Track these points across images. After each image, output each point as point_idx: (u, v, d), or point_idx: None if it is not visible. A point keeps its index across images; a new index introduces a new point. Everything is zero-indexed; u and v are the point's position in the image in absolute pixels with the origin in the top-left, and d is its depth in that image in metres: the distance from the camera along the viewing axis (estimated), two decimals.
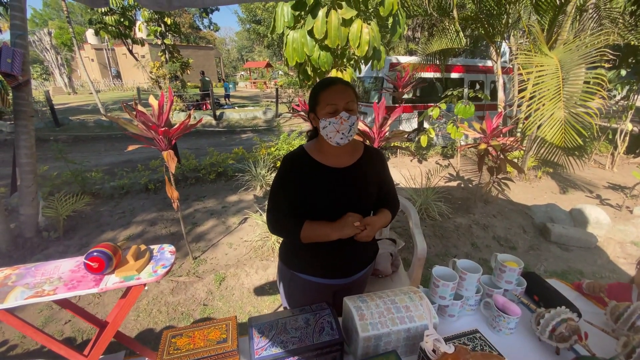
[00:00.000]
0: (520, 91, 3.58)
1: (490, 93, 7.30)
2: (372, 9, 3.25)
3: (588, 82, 3.12)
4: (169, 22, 11.42)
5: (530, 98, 3.25)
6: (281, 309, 1.88)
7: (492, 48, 5.33)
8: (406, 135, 7.01)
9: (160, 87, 12.44)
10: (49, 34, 21.97)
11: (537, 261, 3.10)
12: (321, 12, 2.80)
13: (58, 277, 1.07)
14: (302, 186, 1.18)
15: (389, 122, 2.86)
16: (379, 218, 1.23)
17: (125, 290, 1.19)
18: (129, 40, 12.01)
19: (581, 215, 3.61)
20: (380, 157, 1.33)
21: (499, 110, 4.96)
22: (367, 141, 2.93)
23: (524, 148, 4.57)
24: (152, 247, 1.26)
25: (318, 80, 3.47)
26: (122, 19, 10.53)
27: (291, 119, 10.46)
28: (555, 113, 3.05)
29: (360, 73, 5.12)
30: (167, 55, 12.19)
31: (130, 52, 12.17)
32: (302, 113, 4.79)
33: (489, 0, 4.65)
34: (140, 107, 2.27)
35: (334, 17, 2.81)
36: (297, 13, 2.96)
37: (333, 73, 3.19)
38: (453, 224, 3.50)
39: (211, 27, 31.00)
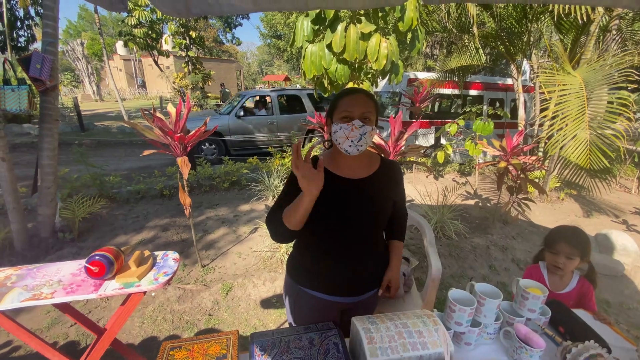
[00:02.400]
0: (542, 110, 3.47)
1: (511, 111, 7.15)
2: (391, 24, 3.26)
3: (612, 103, 3.00)
4: (193, 36, 11.87)
5: (553, 117, 3.14)
6: (286, 324, 1.81)
7: (512, 66, 5.24)
8: (423, 151, 6.94)
9: (182, 97, 12.85)
10: (82, 44, 23.24)
11: None
12: (340, 27, 2.82)
13: (58, 280, 1.06)
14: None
15: (405, 136, 2.80)
16: (396, 266, 1.24)
17: (125, 297, 1.16)
18: (155, 52, 12.52)
19: (607, 241, 3.40)
20: (397, 171, 1.28)
21: (520, 128, 4.82)
22: (383, 155, 2.88)
23: (546, 168, 4.41)
24: (156, 253, 1.24)
25: (334, 93, 3.48)
26: (150, 32, 11.01)
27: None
28: (580, 133, 2.93)
29: (377, 87, 5.10)
30: (190, 67, 12.62)
31: (156, 63, 12.67)
32: (315, 124, 4.79)
33: (509, 18, 4.61)
34: (159, 114, 2.31)
35: (352, 31, 2.82)
36: (316, 27, 2.99)
37: (349, 86, 3.18)
38: (470, 244, 3.36)
39: (234, 42, 32.05)
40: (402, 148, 2.89)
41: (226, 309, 2.39)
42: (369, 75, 3.45)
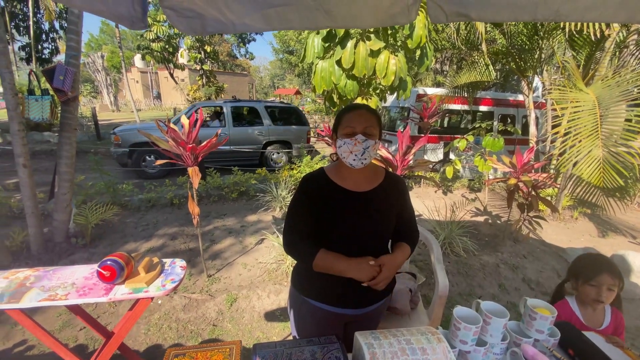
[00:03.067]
0: (554, 127, 3.44)
1: (522, 128, 7.10)
2: (400, 42, 3.33)
3: (630, 120, 2.96)
4: (208, 50, 12.26)
5: (565, 134, 3.11)
6: (290, 337, 1.80)
7: (523, 82, 5.24)
8: (431, 166, 6.90)
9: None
10: (102, 57, 24.20)
11: None
12: (350, 43, 2.90)
13: (72, 282, 1.09)
14: (319, 207, 1.17)
15: (413, 150, 2.82)
16: (396, 256, 1.17)
17: (133, 302, 1.19)
18: (171, 65, 12.94)
19: (624, 262, 3.29)
20: (402, 185, 1.30)
21: (531, 145, 4.78)
22: (390, 169, 2.89)
23: (558, 186, 4.33)
24: (164, 260, 1.26)
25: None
26: (166, 46, 11.42)
27: (316, 143, 10.63)
28: (593, 151, 2.89)
29: (386, 102, 5.13)
30: (204, 80, 12.98)
31: (171, 75, 13.08)
32: (326, 138, 4.85)
33: (520, 35, 4.64)
34: (172, 125, 2.39)
35: (362, 48, 2.89)
36: (326, 44, 3.07)
37: (358, 101, 3.23)
38: (479, 262, 3.30)
39: (247, 56, 32.91)
40: (410, 162, 2.89)
41: (230, 319, 2.39)
42: (377, 91, 3.49)
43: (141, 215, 4.20)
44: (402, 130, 6.95)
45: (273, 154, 7.34)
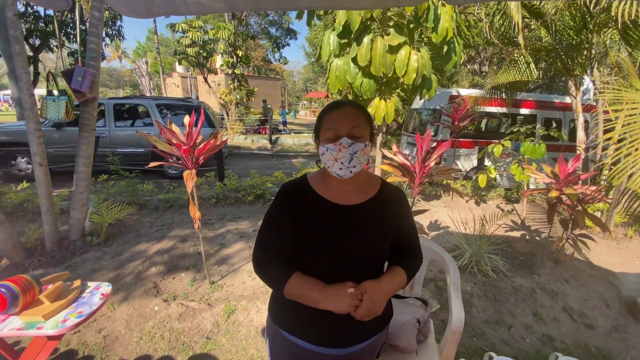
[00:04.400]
0: (605, 131, 2.96)
1: (570, 133, 6.40)
2: (425, 37, 3.04)
3: None
4: (240, 54, 12.52)
5: (619, 140, 2.64)
6: None
7: (570, 82, 4.67)
8: (466, 173, 6.40)
9: (227, 112, 13.51)
10: (146, 63, 25.76)
11: (622, 348, 2.37)
12: (366, 39, 2.67)
13: None
14: (298, 222, 0.97)
15: (434, 156, 2.52)
16: (382, 282, 0.94)
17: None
18: (205, 69, 13.39)
19: None
20: (401, 198, 1.07)
21: (578, 152, 4.22)
22: (407, 178, 2.61)
23: (609, 200, 3.76)
24: (88, 284, 1.10)
25: None
26: (201, 51, 11.82)
27: None
28: None
29: (411, 103, 4.77)
30: (235, 84, 13.28)
31: (205, 79, 13.52)
32: None
33: (566, 29, 4.11)
34: (174, 127, 2.30)
35: (379, 44, 2.65)
36: (342, 41, 2.87)
37: (376, 101, 2.99)
38: (511, 285, 2.89)
39: (280, 61, 33.48)
40: (431, 170, 2.59)
41: (225, 333, 2.24)
42: (398, 90, 3.22)
43: (158, 215, 4.24)
44: (433, 135, 6.60)
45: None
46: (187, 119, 2.29)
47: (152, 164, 2.35)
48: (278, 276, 0.97)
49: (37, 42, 10.08)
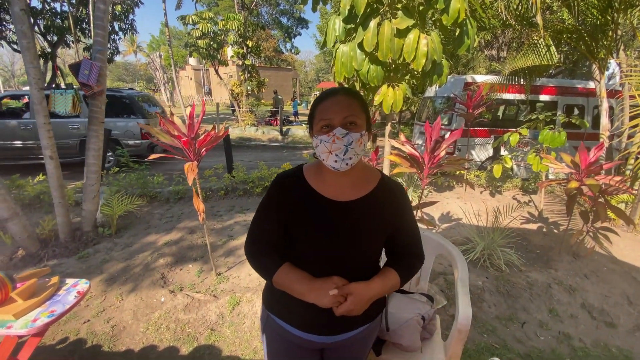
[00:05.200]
0: (632, 118, 2.76)
1: (593, 120, 6.06)
2: (435, 19, 2.89)
3: None
4: (250, 45, 12.43)
5: None
6: None
7: (595, 65, 4.38)
8: (481, 163, 6.19)
9: (238, 103, 13.53)
10: (160, 56, 26.07)
11: None
12: (372, 23, 2.55)
13: None
14: (290, 216, 0.95)
15: (444, 146, 2.40)
16: (371, 286, 0.92)
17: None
18: (216, 61, 13.38)
19: None
20: (401, 194, 1.02)
21: (601, 140, 3.98)
22: (416, 168, 2.51)
23: (635, 192, 3.54)
24: (66, 281, 1.07)
25: (368, 96, 3.19)
26: (211, 42, 11.79)
27: None
28: None
29: (421, 91, 4.59)
30: (246, 75, 13.24)
31: (216, 71, 13.53)
32: None
33: (590, 9, 3.83)
34: (176, 119, 2.28)
35: (387, 27, 2.52)
36: (349, 26, 2.75)
37: (384, 89, 2.87)
38: (525, 280, 2.78)
39: (292, 51, 33.19)
40: (441, 160, 2.48)
41: (230, 325, 2.24)
42: (408, 77, 3.08)
43: (169, 207, 4.28)
44: (446, 123, 6.39)
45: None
46: (187, 110, 2.26)
47: (152, 157, 2.33)
48: (267, 267, 0.97)
49: (55, 38, 10.29)
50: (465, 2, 2.46)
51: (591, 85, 6.16)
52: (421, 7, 2.61)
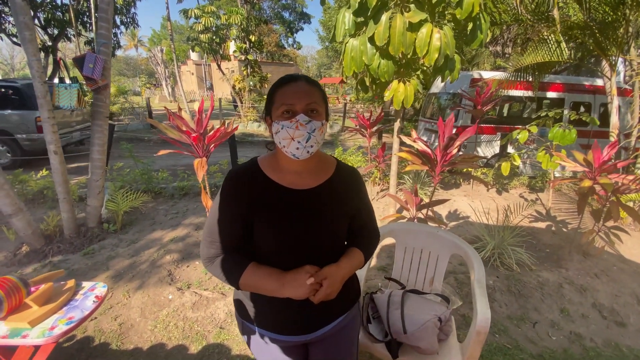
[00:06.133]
0: None
1: (600, 117, 5.99)
2: (448, 13, 2.82)
3: None
4: (252, 40, 12.32)
5: None
6: None
7: (604, 63, 4.31)
8: (487, 160, 6.13)
9: (240, 99, 13.44)
10: (161, 51, 25.91)
11: None
12: (384, 16, 2.48)
13: None
14: (249, 211, 0.90)
15: (457, 143, 2.36)
16: (341, 266, 0.93)
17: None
18: (219, 56, 13.28)
19: None
20: (357, 179, 1.03)
21: (612, 139, 3.92)
22: (427, 166, 2.46)
23: None
24: (83, 284, 1.01)
25: (378, 92, 3.14)
26: (214, 37, 11.68)
27: (356, 134, 10.26)
28: None
29: (430, 86, 4.51)
30: (248, 70, 13.14)
31: (219, 66, 13.43)
32: (358, 127, 4.47)
33: (602, 5, 3.75)
34: (184, 114, 2.24)
35: (399, 21, 2.46)
36: (359, 19, 2.69)
37: (394, 85, 2.82)
38: (536, 279, 2.74)
39: (294, 46, 32.94)
40: (453, 158, 2.44)
41: None
42: (418, 72, 3.02)
43: (174, 203, 4.25)
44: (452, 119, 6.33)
45: None
46: (196, 105, 2.22)
47: (160, 152, 2.29)
48: (231, 270, 0.91)
49: (55, 31, 10.20)
50: None
51: (598, 82, 6.08)
52: (434, 0, 2.55)
